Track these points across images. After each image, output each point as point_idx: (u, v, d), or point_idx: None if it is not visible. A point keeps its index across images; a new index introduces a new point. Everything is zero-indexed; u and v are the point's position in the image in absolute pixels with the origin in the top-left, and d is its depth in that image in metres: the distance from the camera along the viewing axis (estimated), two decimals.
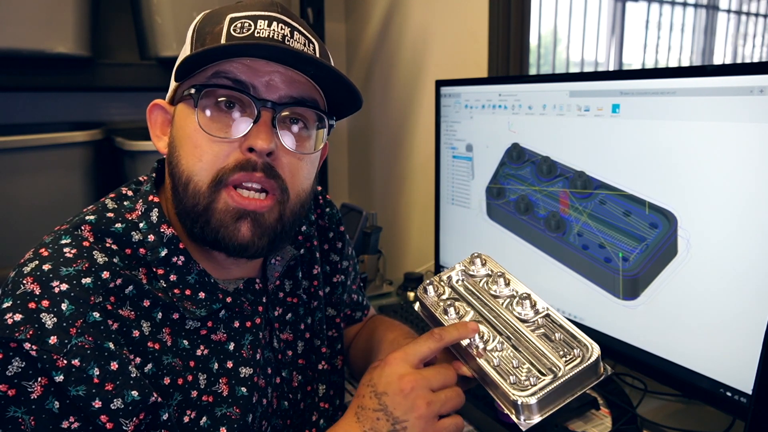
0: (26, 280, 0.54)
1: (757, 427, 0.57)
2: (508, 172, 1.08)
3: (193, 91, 0.60)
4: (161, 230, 0.63)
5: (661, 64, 3.62)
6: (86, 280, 0.56)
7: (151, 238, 0.62)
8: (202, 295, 0.64)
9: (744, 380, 0.75)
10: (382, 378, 0.60)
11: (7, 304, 0.53)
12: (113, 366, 0.54)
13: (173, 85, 0.65)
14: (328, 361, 0.81)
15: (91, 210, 0.64)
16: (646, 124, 0.83)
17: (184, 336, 0.62)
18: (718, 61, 3.90)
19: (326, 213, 0.85)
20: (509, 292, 0.68)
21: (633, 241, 0.86)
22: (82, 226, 0.61)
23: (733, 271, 0.75)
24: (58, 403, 0.52)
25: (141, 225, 0.63)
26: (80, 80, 1.40)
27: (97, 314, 0.55)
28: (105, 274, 0.57)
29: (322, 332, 0.80)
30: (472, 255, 0.73)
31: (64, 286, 0.54)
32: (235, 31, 0.60)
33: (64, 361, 0.52)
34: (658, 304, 0.85)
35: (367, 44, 1.91)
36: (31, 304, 0.53)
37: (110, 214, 0.63)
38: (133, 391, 0.54)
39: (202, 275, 0.64)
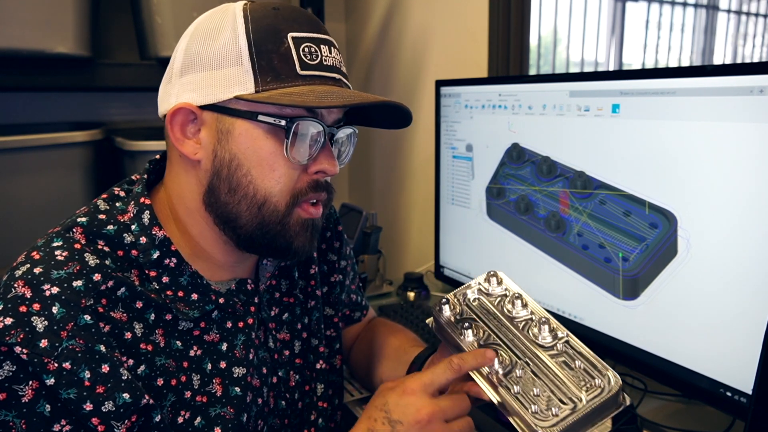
0: (17, 284, 0.54)
1: (757, 427, 0.57)
2: (508, 172, 1.08)
3: (283, 123, 0.61)
4: (153, 232, 0.63)
5: (661, 64, 3.61)
6: (77, 283, 0.56)
7: (143, 240, 0.62)
8: (195, 297, 0.64)
9: (744, 380, 0.75)
10: (399, 407, 0.60)
11: None
12: (104, 369, 0.54)
13: (218, 97, 0.61)
14: (327, 361, 0.81)
15: (83, 212, 0.64)
16: (646, 124, 0.83)
17: (177, 337, 0.63)
18: (718, 61, 3.89)
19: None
20: (526, 314, 0.66)
21: (633, 241, 0.86)
22: (74, 228, 0.61)
23: (732, 271, 0.75)
24: (49, 407, 0.52)
25: (133, 227, 0.63)
26: (80, 80, 1.40)
27: (88, 317, 0.55)
28: (96, 277, 0.57)
29: (319, 332, 0.80)
30: (488, 273, 0.71)
31: (55, 289, 0.54)
32: (306, 57, 0.61)
33: (55, 365, 0.52)
34: (658, 304, 0.85)
35: (367, 44, 1.91)
36: (22, 308, 0.53)
37: (102, 216, 0.63)
38: (124, 394, 0.54)
39: (195, 277, 0.65)
